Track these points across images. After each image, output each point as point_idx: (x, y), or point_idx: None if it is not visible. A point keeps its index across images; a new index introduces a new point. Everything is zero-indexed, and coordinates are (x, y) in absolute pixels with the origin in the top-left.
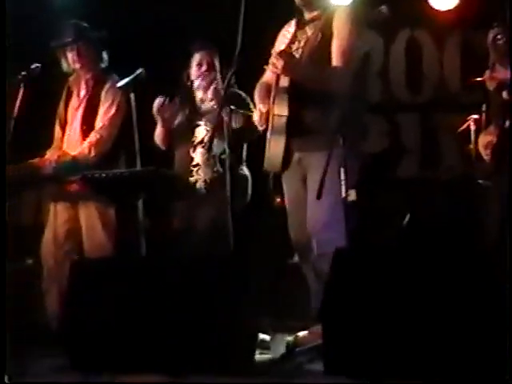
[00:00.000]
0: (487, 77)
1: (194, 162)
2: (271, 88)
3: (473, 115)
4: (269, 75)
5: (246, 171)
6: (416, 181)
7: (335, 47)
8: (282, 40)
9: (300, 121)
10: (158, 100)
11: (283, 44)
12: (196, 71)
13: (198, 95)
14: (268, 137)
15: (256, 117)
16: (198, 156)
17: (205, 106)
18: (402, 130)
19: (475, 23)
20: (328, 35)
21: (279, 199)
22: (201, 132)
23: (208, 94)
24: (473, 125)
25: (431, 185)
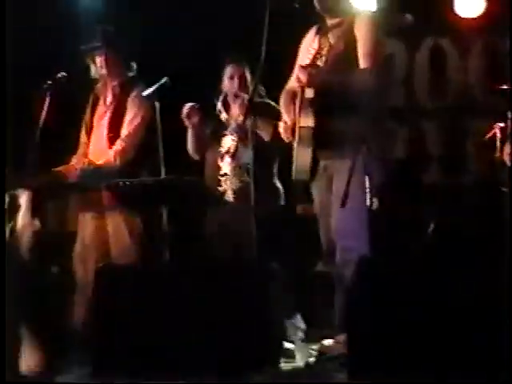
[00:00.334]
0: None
1: (222, 172)
2: (295, 96)
3: (499, 123)
4: (293, 82)
5: (278, 183)
6: (440, 188)
7: (361, 52)
8: (305, 47)
9: (326, 131)
10: (187, 105)
11: (306, 51)
12: (228, 84)
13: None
14: (295, 148)
15: (281, 129)
16: (226, 165)
17: (232, 117)
18: (426, 138)
19: (500, 31)
20: (351, 42)
21: (304, 208)
22: (228, 142)
23: (236, 105)
24: (499, 133)
25: (455, 192)
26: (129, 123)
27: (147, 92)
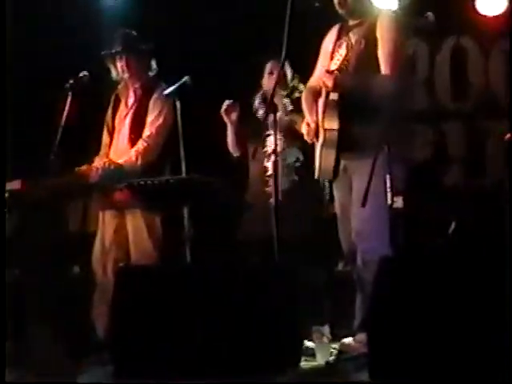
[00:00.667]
0: None
1: (269, 172)
2: (318, 96)
3: None
4: (315, 82)
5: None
6: (461, 189)
7: (382, 53)
8: (327, 47)
9: (350, 133)
10: (226, 102)
11: (329, 54)
12: (267, 80)
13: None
14: (319, 149)
15: (304, 130)
16: (272, 165)
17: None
18: (448, 139)
19: None
20: (372, 41)
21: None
22: (272, 142)
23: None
24: None
25: (476, 193)
26: (151, 124)
27: (168, 91)
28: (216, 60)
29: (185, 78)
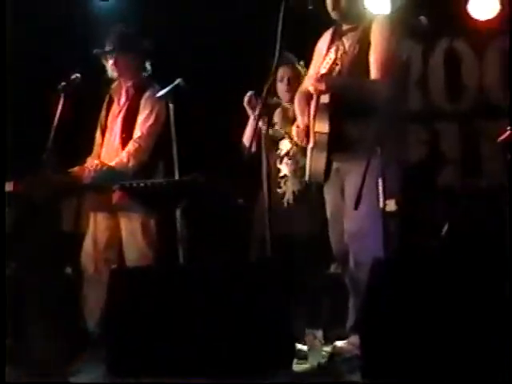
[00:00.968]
0: None
1: (282, 174)
2: (310, 98)
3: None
4: (307, 84)
5: None
6: (456, 190)
7: (373, 58)
8: (320, 51)
9: (341, 136)
10: (249, 92)
11: (321, 57)
12: (279, 85)
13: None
14: (309, 151)
15: (294, 132)
16: (285, 167)
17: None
18: (442, 140)
19: None
20: (366, 45)
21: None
22: (285, 144)
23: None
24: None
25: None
26: (142, 124)
27: (161, 93)
28: (216, 60)
29: (178, 81)
